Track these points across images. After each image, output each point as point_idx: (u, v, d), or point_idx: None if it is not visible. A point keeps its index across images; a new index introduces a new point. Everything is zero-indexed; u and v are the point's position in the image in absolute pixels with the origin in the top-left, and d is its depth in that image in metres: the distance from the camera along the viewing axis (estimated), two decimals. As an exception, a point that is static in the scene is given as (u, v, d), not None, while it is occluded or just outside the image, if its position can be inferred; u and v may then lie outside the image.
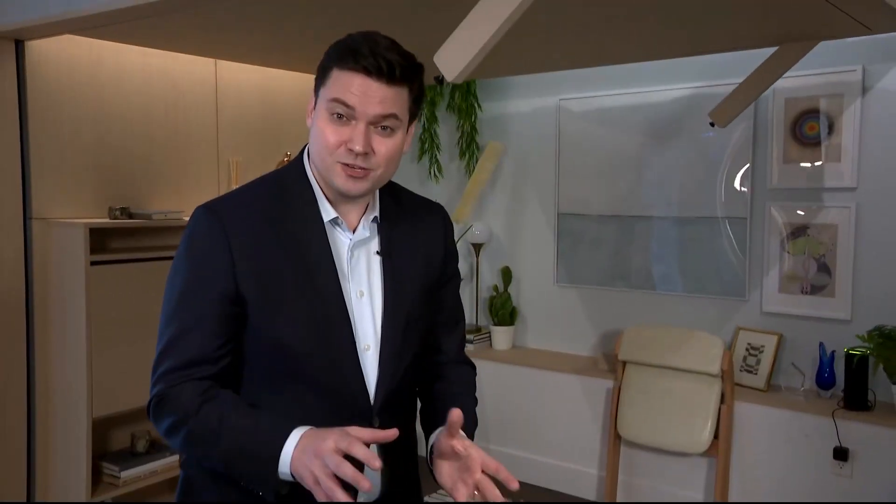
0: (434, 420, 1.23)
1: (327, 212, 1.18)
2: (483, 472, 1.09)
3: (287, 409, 1.13)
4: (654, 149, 3.34)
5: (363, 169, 1.12)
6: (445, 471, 1.14)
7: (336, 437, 0.97)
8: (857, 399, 2.74)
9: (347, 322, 1.16)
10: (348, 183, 1.13)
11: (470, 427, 1.20)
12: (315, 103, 1.17)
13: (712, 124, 2.76)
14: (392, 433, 1.01)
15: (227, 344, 1.13)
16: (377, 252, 1.22)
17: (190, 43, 2.52)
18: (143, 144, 2.66)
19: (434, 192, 3.93)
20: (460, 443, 1.10)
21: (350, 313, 1.16)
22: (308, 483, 0.97)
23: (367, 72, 1.08)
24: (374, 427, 1.14)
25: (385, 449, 1.14)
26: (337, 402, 1.16)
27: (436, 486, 1.26)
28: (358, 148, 1.09)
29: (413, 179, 4.01)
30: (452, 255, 1.33)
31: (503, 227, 3.85)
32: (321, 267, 1.16)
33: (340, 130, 1.11)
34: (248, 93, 2.97)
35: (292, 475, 1.00)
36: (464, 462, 1.11)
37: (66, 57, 2.42)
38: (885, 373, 2.71)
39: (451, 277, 1.33)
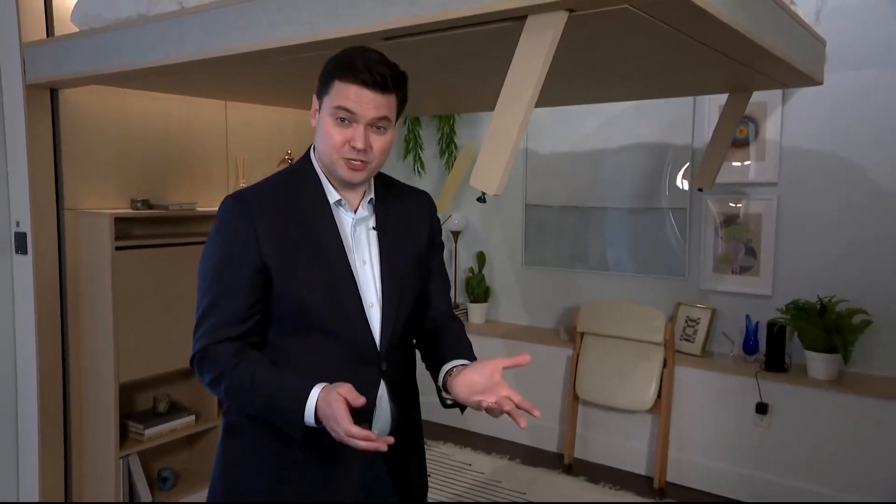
0: (442, 357, 1.28)
1: (332, 195, 1.24)
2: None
3: (311, 356, 1.21)
4: (609, 150, 3.36)
5: (363, 162, 1.19)
6: (470, 387, 1.19)
7: (334, 417, 1.04)
8: (775, 362, 2.79)
9: (354, 285, 1.22)
10: (350, 174, 1.20)
11: (472, 360, 1.29)
12: (319, 108, 1.23)
13: (700, 189, 2.75)
14: (385, 441, 1.04)
15: (255, 305, 1.19)
16: (374, 228, 1.28)
17: (203, 92, 2.53)
18: (161, 144, 2.64)
19: (418, 185, 3.94)
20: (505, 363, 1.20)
21: (356, 278, 1.22)
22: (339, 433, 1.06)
23: (364, 83, 1.15)
24: (383, 368, 1.23)
25: (394, 395, 1.26)
26: (351, 349, 1.22)
27: (433, 431, 1.36)
28: (360, 145, 1.16)
29: (399, 175, 3.91)
30: (437, 231, 1.42)
31: (478, 216, 3.86)
32: (330, 241, 1.23)
33: (344, 132, 1.18)
34: (254, 99, 2.94)
35: (316, 423, 1.10)
36: (491, 384, 1.19)
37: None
38: (800, 340, 2.77)
39: (436, 247, 1.41)
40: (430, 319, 1.38)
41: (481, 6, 1.18)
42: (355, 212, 1.26)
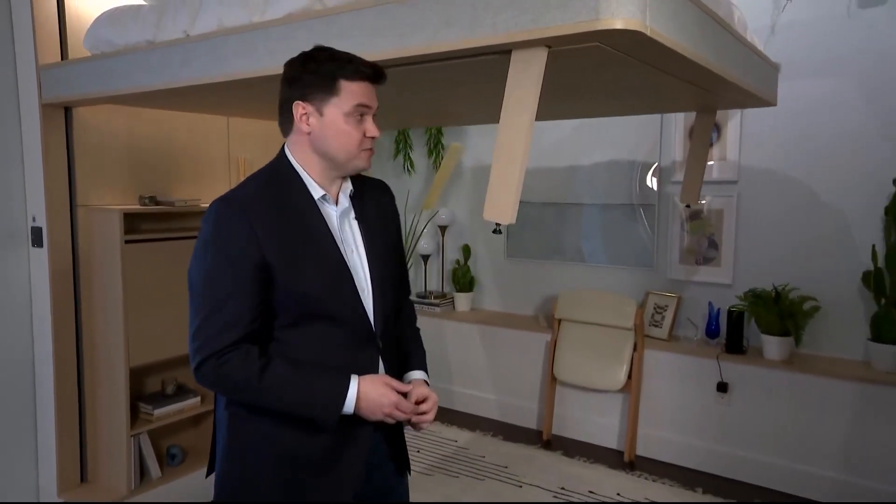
0: (406, 362, 1.39)
1: (316, 191, 1.22)
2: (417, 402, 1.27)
3: (315, 343, 1.20)
4: (584, 151, 3.39)
5: (372, 150, 1.23)
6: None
7: (389, 403, 1.18)
8: (735, 345, 2.84)
9: (348, 273, 1.22)
10: (367, 161, 1.23)
11: (425, 368, 1.40)
12: (316, 110, 1.18)
13: (688, 206, 2.78)
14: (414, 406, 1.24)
15: (260, 304, 1.15)
16: (355, 218, 1.28)
17: (205, 110, 2.52)
18: (167, 146, 2.63)
19: (408, 183, 3.97)
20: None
21: (348, 266, 1.22)
22: (379, 416, 1.18)
23: (370, 78, 1.18)
24: (379, 347, 1.27)
25: (389, 372, 1.30)
26: (350, 333, 1.23)
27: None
28: (378, 134, 1.21)
29: (390, 173, 4.02)
30: (397, 216, 1.44)
31: (464, 212, 3.86)
32: (322, 234, 1.21)
33: (360, 127, 1.19)
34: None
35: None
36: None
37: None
38: (756, 324, 2.83)
39: (398, 231, 1.42)
40: (396, 322, 1.41)
41: (466, 41, 1.18)
42: (336, 204, 1.25)
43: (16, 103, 2.34)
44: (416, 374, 1.36)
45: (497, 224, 1.26)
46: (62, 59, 2.28)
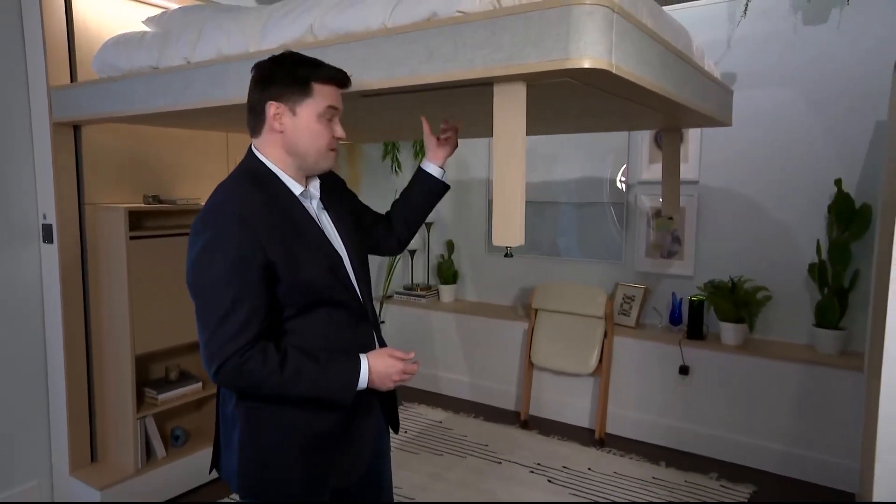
0: (408, 192, 1.50)
1: (296, 188, 1.23)
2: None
3: (321, 327, 1.21)
4: (559, 154, 3.42)
5: (336, 150, 1.24)
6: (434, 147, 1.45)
7: (398, 370, 1.22)
8: (695, 331, 2.92)
9: (338, 258, 1.24)
10: (333, 162, 1.24)
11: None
12: (289, 110, 1.18)
13: (670, 218, 2.83)
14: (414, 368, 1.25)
15: (269, 302, 1.14)
16: (324, 208, 1.30)
17: (205, 128, 2.52)
18: (170, 147, 2.63)
19: (396, 183, 3.97)
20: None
21: (337, 252, 1.24)
22: (389, 384, 1.22)
23: (339, 82, 1.20)
24: (370, 321, 1.30)
25: (381, 342, 1.34)
26: (347, 311, 1.25)
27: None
28: (343, 134, 1.22)
29: (378, 174, 4.02)
30: (354, 195, 1.47)
31: (448, 210, 3.89)
32: (309, 226, 1.22)
33: (329, 128, 1.20)
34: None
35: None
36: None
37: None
38: (714, 313, 2.92)
39: (354, 196, 1.46)
40: (386, 220, 1.51)
41: (448, 74, 1.20)
42: (311, 198, 1.26)
43: (28, 121, 2.33)
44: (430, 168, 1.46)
45: (508, 248, 1.25)
46: (72, 80, 2.29)
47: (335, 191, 1.37)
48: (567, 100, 1.51)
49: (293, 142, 1.20)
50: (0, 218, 2.29)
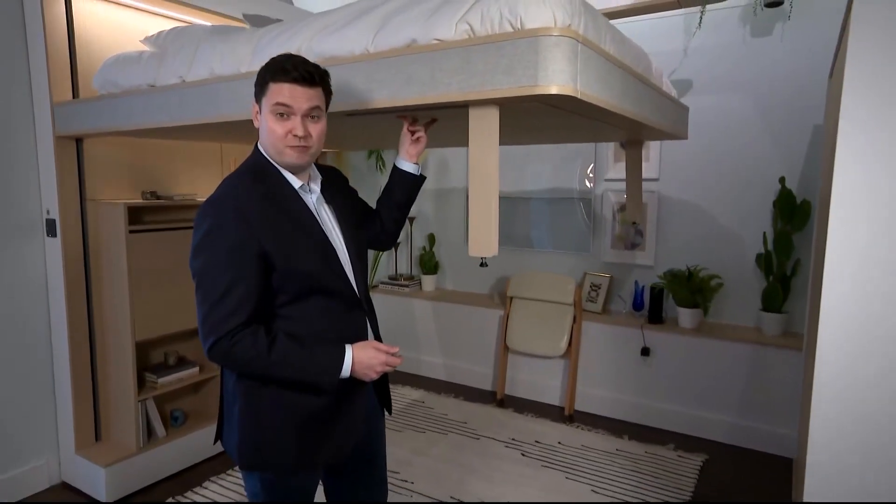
0: (390, 191, 1.46)
1: (295, 182, 1.23)
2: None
3: (314, 313, 1.22)
4: (532, 153, 3.45)
5: (304, 147, 1.19)
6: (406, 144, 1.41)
7: (380, 362, 1.21)
8: (656, 316, 2.99)
9: (333, 250, 1.25)
10: (296, 157, 1.19)
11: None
12: (259, 109, 1.20)
13: (634, 223, 2.84)
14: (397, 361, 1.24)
15: (262, 288, 1.15)
16: (327, 202, 1.30)
17: (199, 139, 2.52)
18: (167, 147, 2.63)
19: (380, 180, 3.97)
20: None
21: (332, 245, 1.25)
22: (372, 375, 1.21)
23: (296, 80, 1.15)
24: (364, 309, 1.31)
25: (374, 330, 1.36)
26: (340, 300, 1.25)
27: (393, 377, 1.48)
28: (300, 133, 1.17)
29: (363, 171, 4.03)
30: (355, 192, 1.48)
31: (430, 205, 3.90)
32: (307, 219, 1.23)
33: (285, 124, 1.17)
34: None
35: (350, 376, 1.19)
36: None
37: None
38: (673, 299, 2.99)
39: (357, 195, 1.48)
40: (378, 213, 1.50)
41: (425, 97, 1.21)
42: (311, 192, 1.26)
43: (33, 132, 2.33)
44: (403, 164, 1.43)
45: (483, 258, 1.27)
46: (74, 96, 2.29)
47: (337, 187, 1.37)
48: (537, 118, 1.54)
49: (261, 137, 1.22)
50: (7, 214, 2.30)
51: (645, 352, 2.99)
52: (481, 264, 1.41)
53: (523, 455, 2.70)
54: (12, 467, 2.36)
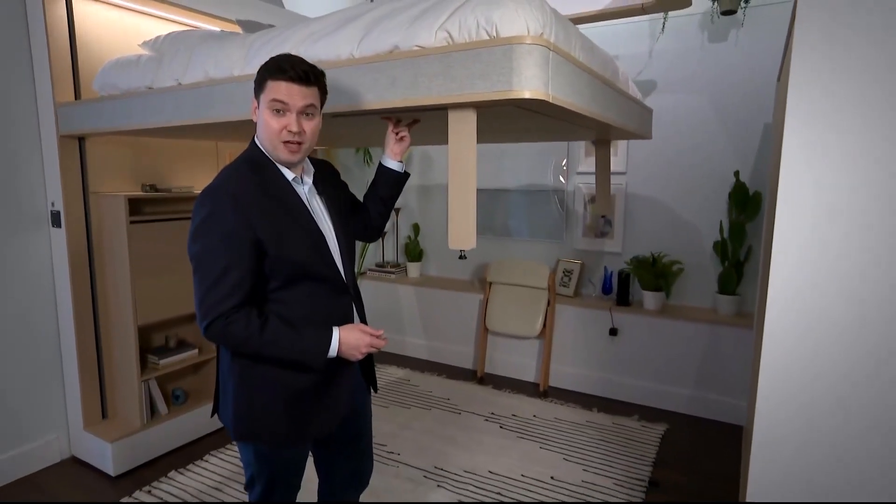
0: (376, 188, 1.45)
1: (289, 174, 1.23)
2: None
3: (304, 297, 1.23)
4: (509, 148, 3.47)
5: (298, 143, 1.18)
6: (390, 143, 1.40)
7: (365, 343, 1.21)
8: (623, 299, 3.05)
9: (323, 239, 1.25)
10: (289, 154, 1.19)
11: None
12: (258, 105, 1.21)
13: (603, 217, 2.84)
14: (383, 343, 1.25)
15: (256, 273, 1.16)
16: (319, 194, 1.30)
17: (195, 138, 2.50)
18: (165, 143, 2.62)
19: (367, 174, 3.95)
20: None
21: (323, 234, 1.26)
22: (357, 355, 1.21)
23: (292, 79, 1.15)
24: (351, 294, 1.32)
25: (360, 315, 1.37)
26: (329, 286, 1.26)
27: (379, 357, 1.47)
28: (294, 129, 1.16)
29: (352, 165, 4.02)
30: (346, 185, 1.48)
31: (414, 197, 3.90)
32: (299, 210, 1.23)
33: (280, 120, 1.16)
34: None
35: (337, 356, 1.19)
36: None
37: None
38: (639, 283, 3.06)
39: (351, 195, 1.48)
40: (366, 207, 1.50)
41: (407, 100, 1.23)
42: (303, 184, 1.27)
43: (37, 131, 2.33)
44: (389, 162, 1.42)
45: (462, 251, 1.26)
46: (76, 97, 2.29)
47: (329, 180, 1.38)
48: (512, 120, 1.56)
49: (258, 132, 1.22)
50: (14, 207, 2.30)
51: (613, 332, 3.04)
52: (460, 257, 1.46)
53: (501, 427, 2.74)
54: (27, 442, 2.38)
